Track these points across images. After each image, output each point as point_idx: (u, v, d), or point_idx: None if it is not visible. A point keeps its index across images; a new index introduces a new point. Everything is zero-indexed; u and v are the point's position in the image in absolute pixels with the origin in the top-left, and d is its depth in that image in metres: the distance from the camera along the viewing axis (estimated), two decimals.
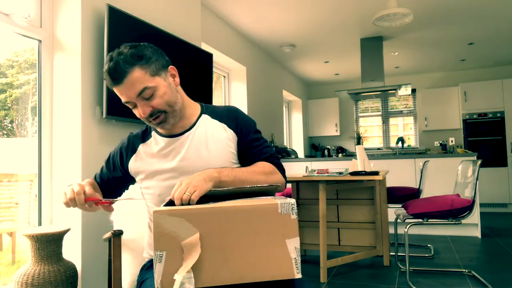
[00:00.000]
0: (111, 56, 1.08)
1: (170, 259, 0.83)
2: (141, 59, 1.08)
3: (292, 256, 0.85)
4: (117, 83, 1.07)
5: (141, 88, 1.07)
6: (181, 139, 1.19)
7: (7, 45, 2.31)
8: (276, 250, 0.84)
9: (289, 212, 0.85)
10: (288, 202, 0.85)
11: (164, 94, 1.11)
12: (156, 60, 1.12)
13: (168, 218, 0.83)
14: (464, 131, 6.17)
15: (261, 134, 1.28)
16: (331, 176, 2.75)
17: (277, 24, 4.40)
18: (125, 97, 1.10)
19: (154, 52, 1.12)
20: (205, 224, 0.84)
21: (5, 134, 2.47)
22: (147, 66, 1.08)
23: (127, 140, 1.28)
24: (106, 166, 1.31)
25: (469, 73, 6.82)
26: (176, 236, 0.83)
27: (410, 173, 4.35)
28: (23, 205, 2.35)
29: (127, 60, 1.06)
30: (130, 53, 1.07)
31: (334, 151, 7.30)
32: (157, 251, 0.83)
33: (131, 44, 1.11)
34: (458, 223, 2.44)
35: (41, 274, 1.79)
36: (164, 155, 1.19)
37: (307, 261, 3.28)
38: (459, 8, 4.02)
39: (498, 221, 4.99)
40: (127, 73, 1.06)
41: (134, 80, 1.06)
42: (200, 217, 0.84)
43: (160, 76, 1.12)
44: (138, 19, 2.43)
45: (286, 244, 0.85)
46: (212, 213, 0.84)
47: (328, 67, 6.46)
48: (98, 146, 2.20)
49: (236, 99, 4.75)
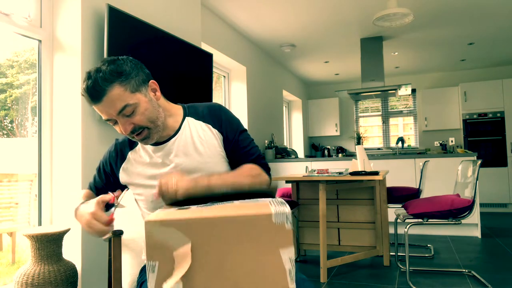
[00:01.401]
0: (89, 74, 1.04)
1: (163, 269, 0.82)
2: (120, 75, 1.04)
3: (286, 267, 0.82)
4: (96, 101, 1.04)
5: (121, 105, 1.04)
6: (168, 145, 1.18)
7: (7, 45, 2.31)
8: (270, 261, 0.82)
9: (284, 222, 0.82)
10: (282, 212, 0.83)
11: (145, 111, 1.08)
12: (136, 76, 1.08)
13: (160, 228, 0.82)
14: (464, 131, 6.17)
15: (247, 132, 1.27)
16: (331, 176, 2.75)
17: (277, 24, 4.40)
18: (105, 115, 1.07)
19: (133, 67, 1.09)
20: (197, 234, 0.82)
21: (5, 134, 2.47)
22: (126, 82, 1.05)
23: (114, 149, 1.27)
24: (98, 175, 1.32)
25: (469, 73, 6.82)
26: (168, 246, 0.82)
27: (410, 173, 4.35)
28: (23, 205, 2.35)
29: (105, 78, 1.02)
30: (109, 70, 1.03)
31: (334, 151, 7.30)
32: (149, 261, 0.82)
33: (109, 59, 1.07)
34: (458, 223, 2.44)
35: (41, 274, 1.79)
36: (154, 163, 1.19)
37: (307, 261, 3.28)
38: (459, 8, 4.02)
39: (498, 221, 4.99)
40: (106, 91, 1.02)
41: (114, 98, 1.03)
42: (192, 226, 0.82)
43: (140, 92, 1.09)
44: (138, 19, 2.43)
45: (281, 255, 0.82)
46: (204, 222, 0.82)
47: (328, 67, 6.46)
48: (98, 146, 2.20)
49: (236, 99, 4.75)
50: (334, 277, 2.79)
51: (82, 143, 2.10)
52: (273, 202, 0.90)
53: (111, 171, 1.27)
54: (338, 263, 2.83)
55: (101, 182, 1.31)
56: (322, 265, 2.71)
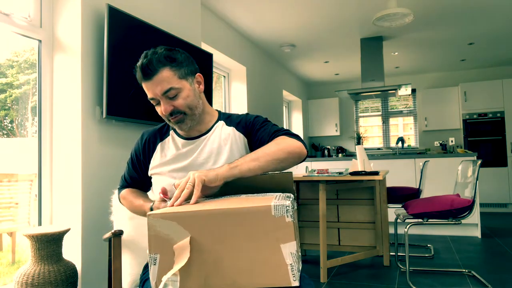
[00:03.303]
0: (146, 53, 1.15)
1: (164, 261, 0.82)
2: (173, 61, 1.15)
3: (287, 262, 0.80)
4: (146, 79, 1.14)
5: (167, 87, 1.13)
6: (197, 142, 1.24)
7: (7, 45, 2.31)
8: (270, 256, 0.80)
9: (284, 215, 0.80)
10: (282, 204, 0.81)
11: (187, 97, 1.17)
12: (186, 66, 1.19)
13: (161, 221, 0.82)
14: (464, 131, 6.17)
15: (270, 122, 1.26)
16: (331, 176, 2.75)
17: (277, 24, 4.40)
18: (151, 93, 1.15)
19: (186, 59, 1.20)
20: (197, 227, 0.82)
21: (5, 134, 2.47)
22: (177, 69, 1.15)
23: (143, 141, 1.31)
24: (133, 168, 1.34)
25: (469, 73, 6.82)
26: (169, 239, 0.82)
27: (410, 173, 4.35)
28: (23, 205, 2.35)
29: (160, 60, 1.13)
30: (164, 54, 1.14)
31: (334, 151, 7.30)
32: (151, 254, 0.83)
33: (167, 47, 1.18)
34: (458, 223, 2.44)
35: (41, 274, 1.79)
36: (180, 154, 1.24)
37: (307, 261, 3.28)
38: (459, 8, 4.02)
39: (498, 221, 4.99)
40: (157, 71, 1.12)
41: (163, 79, 1.13)
42: (191, 220, 0.83)
43: (186, 80, 1.18)
44: (138, 19, 2.43)
45: (281, 249, 0.80)
46: (203, 216, 0.82)
47: (328, 67, 6.46)
48: (98, 146, 2.20)
49: (236, 99, 4.75)
50: (334, 277, 2.79)
51: (82, 143, 2.10)
52: (279, 196, 0.89)
53: (144, 162, 1.31)
54: (338, 263, 2.83)
55: (136, 175, 1.34)
56: (322, 265, 2.71)
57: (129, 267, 1.46)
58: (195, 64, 1.24)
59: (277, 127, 1.22)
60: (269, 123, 1.25)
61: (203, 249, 0.82)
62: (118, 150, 2.33)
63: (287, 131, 1.18)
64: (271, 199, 0.85)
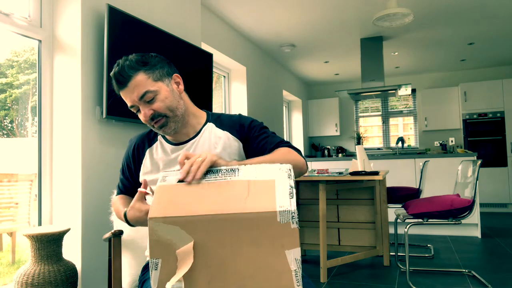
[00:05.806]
0: (118, 62, 1.14)
1: (165, 266, 0.81)
2: (145, 65, 1.13)
3: (292, 268, 0.80)
4: (122, 87, 1.13)
5: (143, 91, 1.11)
6: (186, 146, 1.21)
7: (7, 45, 2.31)
8: (274, 261, 0.80)
9: (289, 221, 0.79)
10: (287, 210, 0.79)
11: (165, 98, 1.14)
12: (161, 68, 1.17)
13: (163, 225, 0.81)
14: (464, 131, 6.17)
15: (268, 129, 1.26)
16: (331, 176, 2.75)
17: (277, 24, 4.40)
18: (129, 101, 1.14)
19: (159, 61, 1.18)
20: (200, 232, 0.80)
21: (5, 134, 2.48)
22: (150, 72, 1.14)
23: (132, 147, 1.30)
24: (124, 177, 1.33)
25: (469, 73, 6.82)
26: (171, 244, 0.81)
27: (410, 173, 4.35)
28: (23, 205, 2.35)
29: (131, 66, 1.12)
30: (136, 59, 1.13)
31: (334, 151, 7.30)
32: (152, 259, 0.82)
33: (139, 53, 1.17)
34: (458, 223, 2.44)
35: (41, 274, 1.79)
36: (169, 161, 1.21)
37: (307, 261, 3.28)
38: (459, 8, 4.02)
39: (498, 221, 4.99)
40: (131, 77, 1.11)
41: (137, 83, 1.11)
42: (195, 225, 0.81)
43: (163, 82, 1.16)
44: (138, 19, 2.43)
45: (286, 255, 0.80)
46: (206, 221, 0.80)
47: (328, 67, 6.46)
48: (98, 146, 2.20)
49: (236, 99, 4.75)
50: (334, 277, 2.79)
51: (82, 143, 2.10)
52: (278, 202, 0.84)
53: (134, 169, 1.29)
54: (338, 263, 2.83)
55: (128, 182, 1.32)
56: (322, 265, 2.71)
57: (129, 267, 1.46)
58: (172, 66, 1.22)
59: (278, 137, 1.23)
60: (267, 130, 1.25)
61: (206, 254, 0.81)
62: (118, 150, 2.33)
63: (289, 143, 1.21)
64: (273, 206, 0.82)
